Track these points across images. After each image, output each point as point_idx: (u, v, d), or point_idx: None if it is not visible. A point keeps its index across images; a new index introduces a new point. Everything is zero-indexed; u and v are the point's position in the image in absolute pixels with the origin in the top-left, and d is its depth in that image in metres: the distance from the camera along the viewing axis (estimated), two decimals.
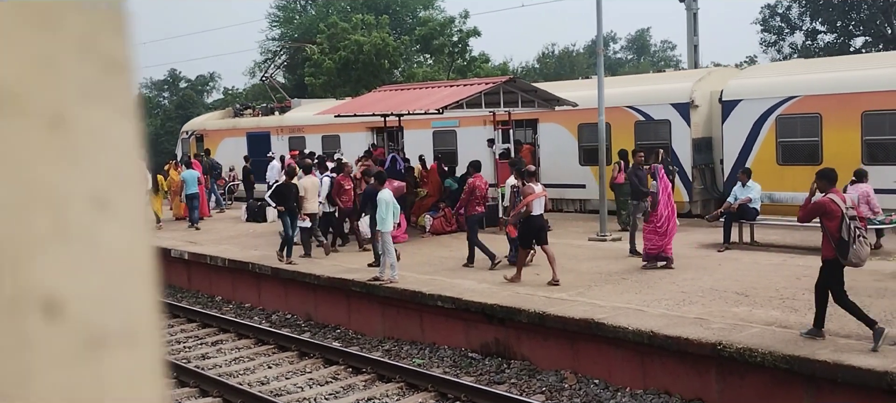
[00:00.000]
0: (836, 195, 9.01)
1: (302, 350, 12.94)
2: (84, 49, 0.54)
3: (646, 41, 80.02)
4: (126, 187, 0.56)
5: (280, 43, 34.50)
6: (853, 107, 16.16)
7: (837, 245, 8.77)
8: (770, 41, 42.15)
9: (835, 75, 16.96)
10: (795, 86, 17.00)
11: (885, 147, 15.99)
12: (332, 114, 21.77)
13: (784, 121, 17.12)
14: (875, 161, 15.95)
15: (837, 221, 8.76)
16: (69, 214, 0.53)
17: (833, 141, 16.40)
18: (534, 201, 12.81)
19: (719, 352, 9.22)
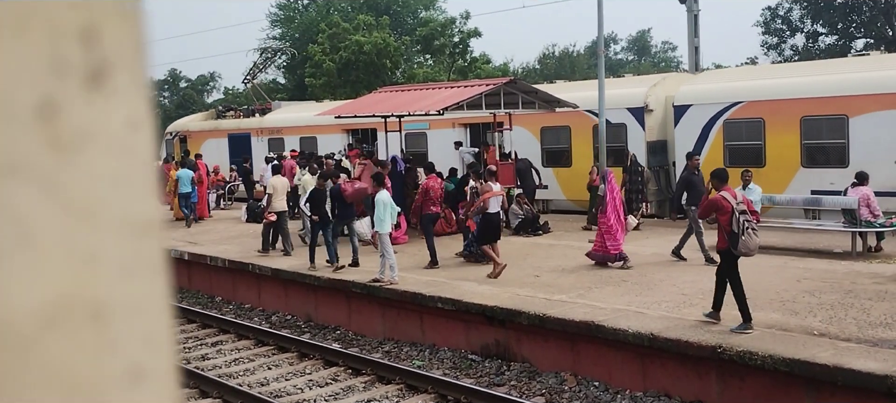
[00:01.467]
0: (727, 192, 9.96)
1: (302, 352, 12.94)
2: (124, 226, 0.54)
3: (647, 42, 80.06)
4: (158, 349, 0.56)
5: (261, 47, 34.75)
6: (793, 113, 16.96)
7: (729, 237, 9.67)
8: (771, 43, 42.16)
9: (776, 82, 17.81)
10: (740, 92, 17.82)
11: (822, 150, 16.78)
12: (333, 115, 21.75)
13: (730, 125, 17.97)
14: (813, 163, 16.82)
15: (728, 216, 9.67)
16: (106, 399, 0.53)
17: (775, 144, 17.23)
18: (491, 199, 13.65)
19: (719, 355, 9.21)
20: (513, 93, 18.55)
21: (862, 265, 13.17)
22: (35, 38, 0.49)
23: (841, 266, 13.16)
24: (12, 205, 0.48)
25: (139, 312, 0.54)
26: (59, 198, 0.50)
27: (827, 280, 12.11)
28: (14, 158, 0.48)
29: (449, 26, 41.59)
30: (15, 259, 0.48)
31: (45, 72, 0.50)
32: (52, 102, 0.50)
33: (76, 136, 0.51)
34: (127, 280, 0.54)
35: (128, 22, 0.53)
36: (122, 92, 0.53)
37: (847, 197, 14.37)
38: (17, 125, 0.48)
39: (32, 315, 0.49)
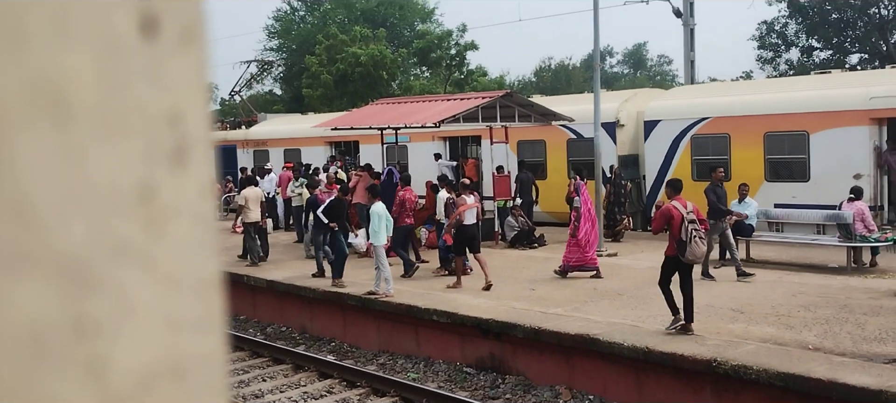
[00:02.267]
0: (678, 202, 10.42)
1: (297, 364, 12.91)
2: (200, 289, 0.59)
3: (642, 56, 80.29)
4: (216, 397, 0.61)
5: (248, 60, 35.10)
6: (757, 129, 17.52)
7: (678, 244, 10.14)
8: (766, 58, 42.33)
9: (741, 98, 18.35)
10: (707, 108, 18.33)
11: (785, 165, 17.33)
12: (329, 127, 21.78)
13: (698, 141, 18.56)
14: (777, 178, 17.33)
15: (678, 224, 10.14)
16: None
17: (740, 159, 17.75)
18: (466, 212, 13.98)
19: (715, 369, 9.21)
20: (509, 107, 18.58)
21: (857, 280, 13.20)
22: (130, 132, 0.52)
23: (836, 280, 13.18)
24: (119, 283, 0.51)
25: (209, 364, 0.59)
26: (153, 271, 0.54)
27: (822, 294, 12.13)
28: (120, 241, 0.51)
29: (445, 39, 41.66)
30: (120, 333, 0.52)
31: (141, 159, 0.53)
32: (150, 185, 0.53)
33: (167, 212, 0.54)
34: (201, 337, 0.58)
35: (202, 96, 0.56)
36: (197, 164, 0.56)
37: (842, 211, 14.42)
38: (122, 210, 0.52)
39: (133, 379, 0.52)
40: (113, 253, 0.51)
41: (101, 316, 0.51)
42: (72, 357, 0.50)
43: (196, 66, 0.56)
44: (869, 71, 19.85)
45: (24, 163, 0.47)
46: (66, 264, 0.49)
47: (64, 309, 0.49)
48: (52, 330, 0.49)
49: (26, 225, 0.48)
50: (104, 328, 0.51)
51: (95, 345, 0.51)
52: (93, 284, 0.50)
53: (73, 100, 0.49)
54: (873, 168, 16.18)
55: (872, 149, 16.16)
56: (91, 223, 0.50)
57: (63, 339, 0.49)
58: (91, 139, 0.50)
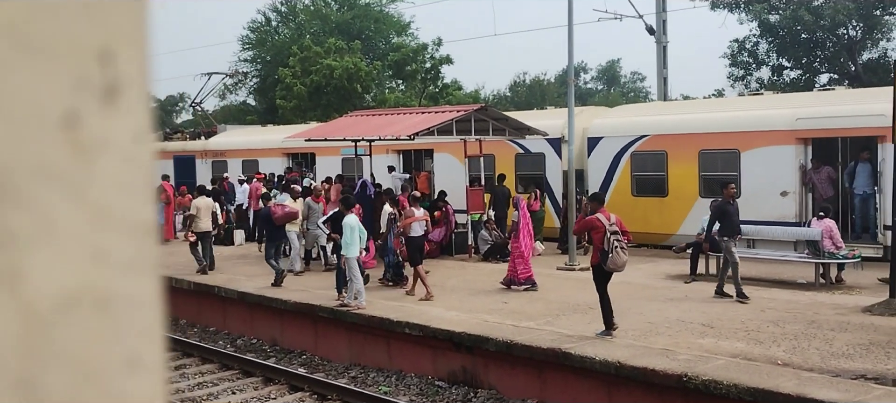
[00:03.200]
0: (602, 214, 10.97)
1: (267, 376, 12.80)
2: (129, 228, 0.60)
3: (616, 72, 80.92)
4: (152, 340, 0.62)
5: (209, 72, 35.13)
6: (692, 146, 18.18)
7: (601, 254, 10.71)
8: (737, 75, 42.81)
9: (678, 117, 19.02)
10: (646, 126, 18.90)
11: (718, 181, 17.47)
12: (303, 138, 21.70)
13: (637, 157, 19.18)
14: (710, 194, 17.35)
15: (601, 234, 10.68)
16: (109, 384, 0.59)
17: (676, 175, 18.47)
18: (413, 224, 14.51)
19: (685, 384, 9.26)
20: (483, 120, 18.63)
21: (825, 296, 13.35)
22: (60, 56, 0.55)
23: (804, 296, 13.32)
24: (40, 202, 0.54)
25: (138, 306, 0.60)
26: (78, 199, 0.56)
27: (790, 310, 12.25)
28: (42, 161, 0.54)
29: (421, 52, 41.70)
30: (40, 249, 0.54)
31: (69, 86, 0.56)
32: (75, 113, 0.56)
33: (94, 145, 0.57)
34: (130, 276, 0.60)
35: (138, 44, 0.59)
36: (131, 107, 0.59)
37: (811, 228, 14.60)
38: (45, 133, 0.54)
39: (51, 300, 0.55)
40: (35, 171, 0.54)
41: (16, 229, 0.53)
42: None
43: (132, 12, 0.58)
44: (796, 93, 20.76)
45: None
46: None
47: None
48: None
49: None
50: (19, 241, 0.53)
51: (9, 255, 0.53)
52: (11, 196, 0.52)
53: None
54: (799, 185, 16.82)
55: (798, 167, 16.80)
56: (12, 136, 0.53)
57: None
58: (12, 57, 0.53)
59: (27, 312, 0.53)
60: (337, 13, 51.03)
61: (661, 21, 28.32)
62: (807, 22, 37.33)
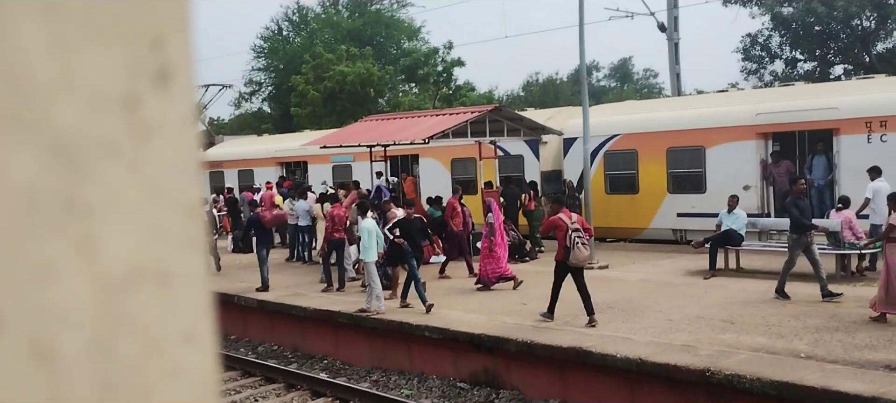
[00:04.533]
0: (563, 213, 11.84)
1: (289, 382, 12.85)
2: (183, 206, 0.64)
3: (628, 69, 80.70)
4: (205, 316, 0.66)
5: (206, 84, 35.57)
6: (660, 144, 18.72)
7: (564, 250, 11.50)
8: (751, 69, 42.64)
9: (647, 116, 19.43)
10: (618, 125, 19.31)
11: (685, 177, 18.50)
12: (318, 145, 21.76)
13: (610, 156, 19.76)
14: (678, 190, 18.46)
15: (563, 232, 11.52)
16: (170, 354, 0.62)
17: (646, 172, 18.97)
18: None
19: (708, 379, 9.23)
20: (498, 121, 18.63)
21: (846, 288, 13.25)
22: (119, 42, 0.58)
23: None
24: (106, 178, 0.57)
25: (191, 283, 0.63)
26: (138, 177, 0.59)
27: (812, 303, 12.18)
28: (107, 139, 0.57)
29: (432, 56, 41.78)
30: (110, 221, 0.57)
31: (127, 70, 0.58)
32: (134, 95, 0.59)
33: (150, 126, 0.60)
34: (184, 254, 0.62)
35: (185, 33, 0.62)
36: (179, 91, 0.62)
37: (830, 220, 14.51)
38: (108, 113, 0.57)
39: (122, 270, 0.58)
40: (101, 146, 0.57)
41: (92, 200, 0.56)
42: (65, 229, 0.55)
43: (179, 2, 0.62)
44: (758, 89, 21.28)
45: (20, 42, 0.53)
46: (59, 141, 0.54)
47: (58, 181, 0.54)
48: (46, 198, 0.54)
49: (22, 95, 0.53)
50: (95, 212, 0.56)
51: (87, 224, 0.56)
52: (84, 168, 0.55)
53: (67, 0, 0.55)
54: (760, 179, 17.39)
55: (759, 162, 17.34)
56: (80, 111, 0.56)
57: (56, 210, 0.54)
58: (81, 38, 0.56)
59: (102, 280, 0.56)
60: (348, 20, 51.21)
61: (672, 17, 28.24)
62: (820, 14, 37.12)
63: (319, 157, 25.45)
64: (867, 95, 16.16)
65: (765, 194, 17.44)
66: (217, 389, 0.66)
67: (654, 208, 18.89)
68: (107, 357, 0.57)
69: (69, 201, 0.55)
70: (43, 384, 0.53)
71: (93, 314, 0.56)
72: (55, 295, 0.54)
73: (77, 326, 0.55)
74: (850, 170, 15.91)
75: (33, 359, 0.53)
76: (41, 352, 0.53)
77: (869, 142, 15.62)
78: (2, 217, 0.52)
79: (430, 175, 22.79)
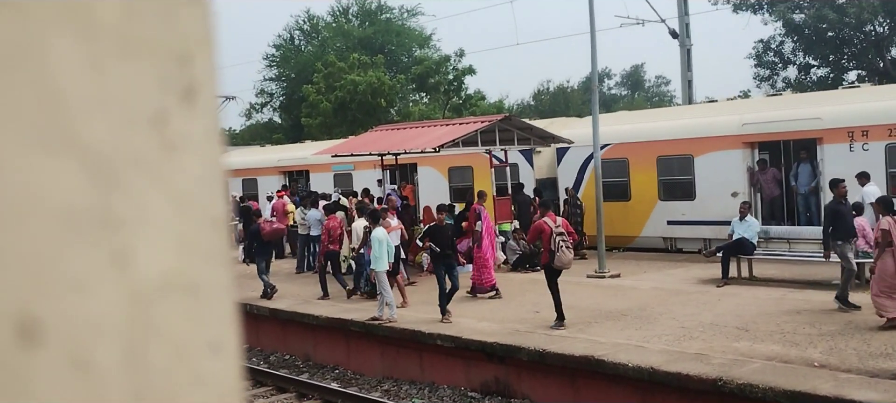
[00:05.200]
0: (549, 218, 12.25)
1: (300, 391, 12.87)
2: (208, 220, 0.65)
3: (640, 77, 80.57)
4: (230, 326, 0.67)
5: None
6: (651, 153, 19.18)
7: (549, 254, 11.90)
8: (763, 76, 42.48)
9: (638, 126, 19.86)
10: (610, 135, 19.45)
11: (675, 185, 18.95)
12: (330, 153, 21.83)
13: (602, 164, 19.77)
14: (670, 196, 18.88)
15: (548, 237, 11.93)
16: (197, 364, 0.63)
17: (638, 180, 19.41)
18: (391, 233, 14.73)
19: (720, 388, 9.19)
20: (508, 130, 18.64)
21: (860, 296, 13.16)
22: (148, 58, 0.59)
23: None
24: (136, 191, 0.58)
25: (218, 294, 0.64)
26: (167, 190, 0.60)
27: (826, 311, 12.11)
28: (137, 154, 0.58)
29: (443, 64, 41.83)
30: (141, 234, 0.58)
31: (156, 86, 0.60)
32: (163, 111, 0.60)
33: (177, 141, 0.61)
34: (211, 265, 0.64)
35: (209, 50, 0.64)
36: (205, 106, 0.63)
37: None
38: (138, 127, 0.59)
39: (152, 281, 0.59)
40: (132, 161, 0.58)
41: (124, 214, 0.57)
42: (99, 242, 0.56)
43: (204, 20, 0.63)
44: (744, 99, 21.65)
45: (54, 62, 0.54)
46: (92, 156, 0.56)
47: (92, 197, 0.56)
48: (81, 212, 0.55)
49: (56, 112, 0.54)
50: (127, 225, 0.58)
51: (120, 237, 0.57)
52: (116, 183, 0.57)
53: (98, 19, 0.57)
54: (748, 186, 17.76)
55: (746, 170, 17.74)
56: (112, 127, 0.57)
57: (91, 224, 0.56)
58: (112, 56, 0.57)
59: (135, 290, 0.58)
60: (359, 29, 51.34)
61: (683, 24, 28.19)
62: (832, 20, 36.96)
63: (321, 166, 26.35)
64: (849, 105, 16.60)
65: (752, 200, 17.76)
66: (241, 397, 0.67)
67: (646, 215, 19.31)
68: (139, 367, 0.58)
69: (103, 215, 0.56)
70: (80, 393, 0.54)
71: (126, 324, 0.57)
72: (91, 307, 0.55)
73: (111, 336, 0.56)
74: (833, 177, 15.96)
75: (72, 369, 0.54)
76: (79, 362, 0.54)
77: (851, 150, 16.05)
78: (40, 231, 0.53)
79: (429, 183, 23.30)
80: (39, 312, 0.52)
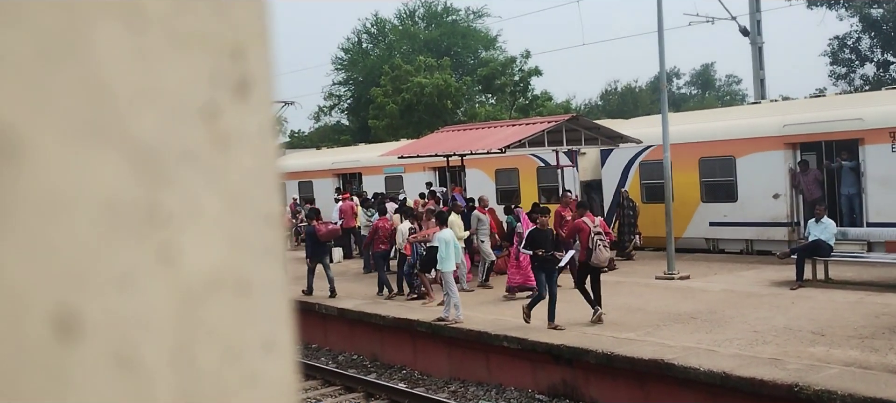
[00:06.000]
0: (587, 217, 12.77)
1: (368, 391, 12.97)
2: (262, 216, 0.64)
3: (710, 76, 79.00)
4: (285, 324, 0.65)
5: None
6: (693, 154, 19.22)
7: (587, 252, 12.29)
8: (840, 73, 41.22)
9: (680, 128, 19.38)
10: (652, 137, 19.20)
11: (717, 187, 18.99)
12: (396, 155, 21.97)
13: (645, 166, 20.34)
14: (714, 198, 18.91)
15: (586, 235, 12.37)
16: (248, 363, 0.62)
17: (680, 182, 19.08)
18: (433, 235, 15.07)
19: (796, 394, 8.92)
20: (575, 130, 18.48)
21: None
22: (200, 51, 0.59)
23: None
24: (186, 186, 0.58)
25: (271, 292, 0.63)
26: (218, 186, 0.60)
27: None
28: (186, 148, 0.58)
29: (509, 65, 41.75)
30: (190, 229, 0.58)
31: (207, 79, 0.59)
32: (214, 106, 0.59)
33: (230, 136, 0.60)
34: (264, 262, 0.62)
35: (265, 44, 0.63)
36: (259, 103, 0.62)
37: None
38: (189, 121, 0.58)
39: (202, 277, 0.58)
40: (181, 155, 0.57)
41: (172, 209, 0.56)
42: (145, 237, 0.55)
43: (259, 14, 0.62)
44: (786, 101, 21.28)
45: (101, 54, 0.53)
46: (140, 151, 0.55)
47: (138, 191, 0.55)
48: (127, 207, 0.54)
49: (103, 106, 0.53)
50: (174, 220, 0.57)
51: (167, 233, 0.56)
52: (164, 177, 0.56)
53: (148, 10, 0.56)
54: (789, 188, 17.79)
55: (787, 171, 17.75)
56: (161, 121, 0.56)
57: (137, 219, 0.55)
58: (161, 48, 0.56)
59: (183, 287, 0.57)
60: (425, 31, 51.61)
61: (754, 21, 27.53)
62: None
63: (372, 168, 27.51)
64: (891, 106, 16.45)
65: (794, 203, 17.86)
66: (296, 398, 0.65)
67: (689, 217, 19.25)
68: (186, 365, 0.57)
69: (150, 210, 0.56)
70: (126, 391, 0.54)
71: (173, 322, 0.56)
72: (137, 303, 0.55)
73: (158, 334, 0.56)
74: (875, 178, 16.30)
75: (117, 367, 0.54)
76: (124, 360, 0.54)
77: (893, 150, 15.98)
78: (85, 226, 0.52)
79: (476, 184, 23.54)
80: (79, 306, 0.52)
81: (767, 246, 18.08)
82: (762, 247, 18.27)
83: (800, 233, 17.63)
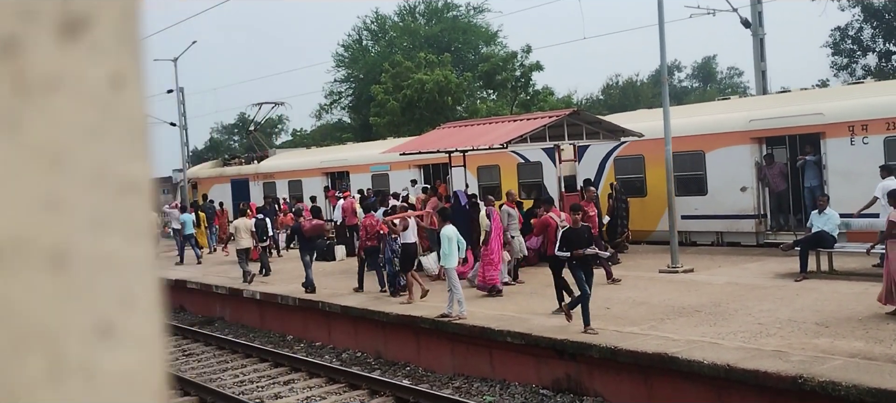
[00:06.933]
0: (553, 213, 13.92)
1: (372, 388, 12.97)
2: (97, 179, 0.54)
3: (712, 69, 78.87)
4: (135, 309, 0.55)
5: (259, 102, 36.79)
6: (664, 150, 18.91)
7: (556, 245, 12.45)
8: (842, 64, 41.12)
9: (652, 124, 19.57)
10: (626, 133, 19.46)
11: (688, 180, 19.48)
12: (397, 152, 21.96)
13: (620, 162, 21.05)
14: (685, 192, 19.19)
15: (553, 230, 13.19)
16: (66, 350, 0.52)
17: (652, 176, 19.74)
18: (406, 231, 15.59)
19: (801, 386, 8.91)
20: (577, 124, 18.47)
21: None
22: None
23: None
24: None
25: (112, 269, 0.54)
26: (20, 139, 0.51)
27: None
28: None
29: (510, 61, 41.69)
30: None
31: (12, 13, 0.50)
32: (16, 42, 0.50)
33: (43, 82, 0.51)
34: (98, 234, 0.53)
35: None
36: (103, 47, 0.54)
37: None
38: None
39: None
40: None
41: None
42: None
43: None
44: (752, 97, 21.51)
45: None
46: None
47: None
48: None
49: None
50: None
51: None
52: None
53: None
54: (755, 181, 18.36)
55: (754, 165, 18.32)
56: None
57: None
58: None
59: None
60: (425, 27, 51.56)
61: (756, 13, 27.45)
62: None
63: (359, 167, 28.42)
64: (850, 101, 16.93)
65: (760, 195, 18.41)
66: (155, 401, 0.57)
67: (662, 210, 19.23)
68: None
69: None
70: None
71: None
72: None
73: None
74: (837, 171, 16.75)
75: None
76: None
77: (852, 144, 16.46)
78: None
79: (460, 182, 23.52)
80: None
81: (737, 237, 18.78)
82: (732, 239, 18.96)
83: (767, 225, 18.56)
